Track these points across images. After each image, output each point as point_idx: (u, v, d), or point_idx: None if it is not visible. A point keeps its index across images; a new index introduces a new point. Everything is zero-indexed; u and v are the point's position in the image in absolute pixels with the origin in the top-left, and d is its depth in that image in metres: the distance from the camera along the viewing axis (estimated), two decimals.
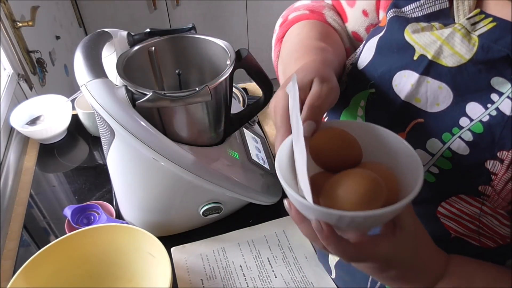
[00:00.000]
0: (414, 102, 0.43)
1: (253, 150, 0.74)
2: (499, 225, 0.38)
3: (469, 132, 0.38)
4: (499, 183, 0.37)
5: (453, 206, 0.40)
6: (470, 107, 0.39)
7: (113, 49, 0.65)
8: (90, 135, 0.94)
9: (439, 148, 0.40)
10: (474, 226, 0.39)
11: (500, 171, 0.37)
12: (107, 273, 0.62)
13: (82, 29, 1.95)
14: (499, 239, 0.38)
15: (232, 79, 0.62)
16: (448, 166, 0.40)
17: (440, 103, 0.41)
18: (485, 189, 0.38)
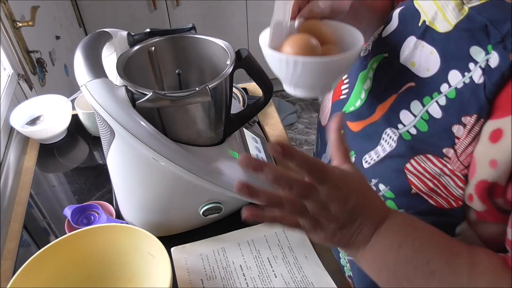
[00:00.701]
0: (410, 65, 0.47)
1: (253, 150, 0.74)
2: (455, 186, 0.40)
3: (444, 97, 0.42)
4: (460, 146, 0.40)
5: (419, 164, 0.43)
6: (452, 74, 0.42)
7: (113, 49, 0.65)
8: (90, 135, 0.94)
9: (419, 110, 0.44)
10: (433, 185, 0.42)
11: (463, 135, 0.39)
12: (107, 273, 0.62)
13: (82, 29, 1.95)
14: (453, 201, 0.41)
15: (232, 79, 0.62)
16: (424, 128, 0.43)
17: (430, 69, 0.44)
18: (448, 152, 0.41)
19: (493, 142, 0.36)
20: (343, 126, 0.48)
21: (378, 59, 0.52)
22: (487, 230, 0.41)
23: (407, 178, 0.44)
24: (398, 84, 0.48)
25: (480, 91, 0.38)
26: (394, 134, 0.46)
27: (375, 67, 0.52)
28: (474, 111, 0.38)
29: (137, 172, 0.61)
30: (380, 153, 0.47)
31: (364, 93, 0.53)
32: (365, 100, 0.53)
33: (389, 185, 0.45)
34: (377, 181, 0.47)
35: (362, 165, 0.50)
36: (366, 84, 0.53)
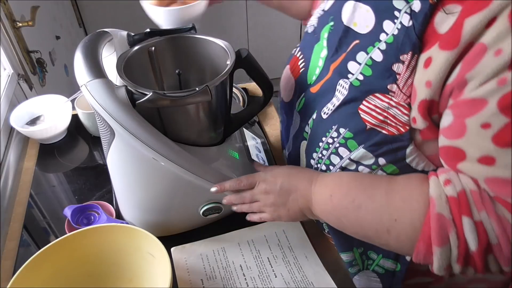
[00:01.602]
0: (353, 26, 0.54)
1: (253, 150, 0.74)
2: (401, 114, 0.48)
3: (384, 43, 0.49)
4: (401, 80, 0.47)
5: (370, 103, 0.50)
6: (385, 24, 0.49)
7: (113, 49, 0.65)
8: (90, 135, 0.94)
9: (364, 58, 0.51)
10: (383, 118, 0.49)
11: (402, 71, 0.47)
12: (107, 273, 0.62)
13: (82, 29, 1.95)
14: (401, 127, 0.48)
15: (232, 79, 0.62)
16: (369, 73, 0.50)
17: (368, 25, 0.52)
18: (392, 87, 0.48)
19: (426, 68, 0.44)
20: (306, 93, 0.63)
21: (327, 29, 0.60)
22: (430, 148, 0.48)
23: (361, 117, 0.50)
24: (346, 44, 0.55)
25: (411, 32, 0.45)
26: (345, 83, 0.53)
27: (326, 36, 0.60)
28: (409, 49, 0.46)
29: (137, 172, 0.61)
30: (335, 102, 0.54)
31: (321, 60, 0.60)
32: (323, 66, 0.60)
33: (347, 127, 0.52)
34: (336, 126, 0.54)
35: (322, 117, 0.56)
36: (323, 53, 0.60)
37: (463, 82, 0.40)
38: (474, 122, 0.40)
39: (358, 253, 0.62)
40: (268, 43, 2.26)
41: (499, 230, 0.41)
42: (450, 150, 0.44)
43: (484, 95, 0.39)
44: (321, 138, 0.56)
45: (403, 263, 0.58)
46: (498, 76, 0.38)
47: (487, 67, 0.38)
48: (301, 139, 0.64)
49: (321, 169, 0.58)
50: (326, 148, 0.56)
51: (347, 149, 0.53)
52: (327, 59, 0.59)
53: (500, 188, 0.41)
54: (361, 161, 0.52)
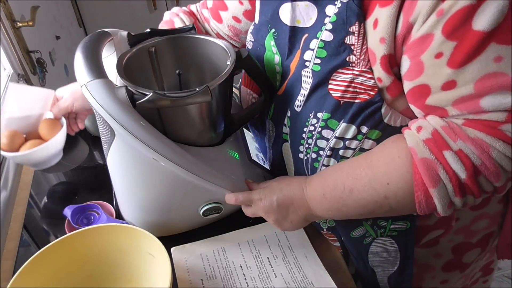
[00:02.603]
0: (297, 24, 0.58)
1: (253, 150, 0.74)
2: (367, 80, 0.50)
3: (330, 23, 0.52)
4: (357, 50, 0.50)
5: (336, 79, 0.52)
6: (328, 9, 0.53)
7: (113, 49, 0.65)
8: (90, 135, 0.94)
9: (315, 43, 0.54)
10: (352, 89, 0.51)
11: (355, 41, 0.50)
12: (107, 273, 0.62)
13: (82, 29, 1.95)
14: (370, 91, 0.51)
15: (232, 79, 0.62)
16: (324, 54, 0.53)
17: (312, 17, 0.56)
18: (350, 58, 0.51)
19: (375, 29, 0.48)
20: (274, 100, 0.65)
21: (270, 37, 0.63)
22: (400, 104, 0.51)
23: (333, 96, 0.53)
24: (297, 42, 0.58)
25: (351, 5, 0.49)
26: (307, 72, 0.55)
27: (273, 43, 0.62)
28: (354, 20, 0.49)
29: (137, 172, 0.61)
30: (304, 93, 0.56)
31: (277, 67, 0.63)
32: (281, 72, 0.63)
33: (323, 109, 0.54)
34: (313, 113, 0.56)
35: (296, 111, 0.59)
36: (276, 59, 0.63)
37: (410, 27, 0.44)
38: (428, 56, 0.44)
39: (368, 225, 0.63)
40: None
41: (478, 151, 0.44)
42: (415, 90, 0.47)
43: (429, 29, 0.43)
44: (302, 130, 0.58)
45: (412, 220, 0.61)
46: (435, 10, 0.42)
47: (424, 6, 0.42)
48: (281, 142, 0.65)
49: (311, 158, 0.60)
50: (310, 137, 0.58)
51: (330, 129, 0.55)
52: (282, 63, 0.62)
53: (467, 105, 0.44)
54: (346, 136, 0.54)
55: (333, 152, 0.56)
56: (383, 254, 0.66)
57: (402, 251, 0.65)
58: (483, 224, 0.67)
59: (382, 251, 0.66)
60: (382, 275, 0.69)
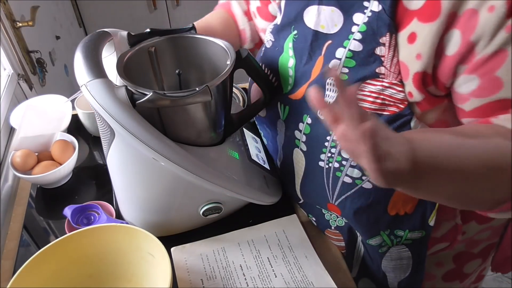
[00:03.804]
0: (321, 29, 0.56)
1: (253, 150, 0.74)
2: (396, 92, 0.50)
3: (359, 33, 0.51)
4: (387, 61, 0.49)
5: (364, 90, 0.51)
6: (355, 17, 0.52)
7: (113, 49, 0.65)
8: (90, 135, 0.94)
9: (343, 52, 0.53)
10: (381, 100, 0.51)
11: (386, 52, 0.49)
12: (107, 273, 0.62)
13: (82, 29, 1.95)
14: (400, 104, 0.50)
15: (232, 79, 0.62)
16: (352, 64, 0.52)
17: (337, 24, 0.54)
18: (380, 70, 0.50)
19: (411, 43, 0.47)
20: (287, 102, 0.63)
21: (290, 39, 0.61)
22: (430, 117, 0.51)
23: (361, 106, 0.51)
24: (318, 48, 0.57)
25: (383, 15, 0.48)
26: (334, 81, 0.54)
27: (291, 46, 0.61)
28: (385, 31, 0.48)
29: (137, 172, 0.61)
30: (329, 100, 0.55)
31: (290, 70, 0.62)
32: (294, 75, 0.61)
33: None
34: None
35: (318, 119, 0.57)
36: (290, 63, 0.62)
37: (471, 46, 0.44)
38: (505, 71, 0.43)
39: (386, 234, 0.63)
40: None
41: None
42: (491, 105, 0.46)
43: (500, 45, 0.42)
44: (325, 138, 0.57)
45: (428, 228, 0.61)
46: (503, 26, 0.41)
47: (488, 24, 0.42)
48: (293, 147, 0.64)
49: (334, 167, 0.58)
50: (334, 146, 0.56)
51: None
52: (296, 67, 0.61)
53: None
54: None
55: (357, 164, 0.55)
56: (397, 262, 0.66)
57: (415, 258, 0.65)
58: (486, 235, 0.67)
59: (396, 259, 0.66)
60: (393, 280, 0.69)
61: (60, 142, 0.83)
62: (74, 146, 0.83)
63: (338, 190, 0.60)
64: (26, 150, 0.80)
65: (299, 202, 0.72)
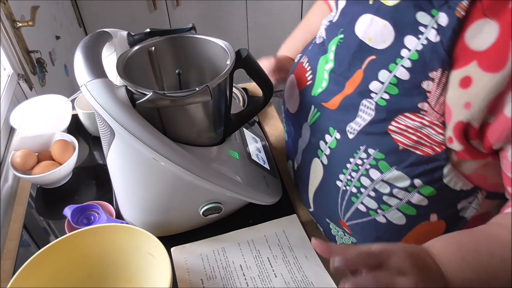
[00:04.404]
0: (367, 41, 0.52)
1: (253, 150, 0.74)
2: (436, 134, 0.46)
3: (408, 60, 0.47)
4: (433, 99, 0.45)
5: (400, 123, 0.48)
6: (407, 39, 0.48)
7: (113, 49, 0.65)
8: (90, 135, 0.94)
9: (387, 77, 0.49)
10: (417, 138, 0.47)
11: (433, 88, 0.45)
12: (107, 273, 0.62)
13: (82, 29, 1.95)
14: (436, 147, 0.46)
15: (232, 79, 0.62)
16: (395, 92, 0.48)
17: (386, 40, 0.50)
18: (423, 106, 0.46)
19: (464, 88, 0.42)
20: (318, 107, 0.59)
21: (335, 41, 0.57)
22: (467, 168, 0.47)
23: (392, 138, 0.48)
24: (359, 60, 0.53)
25: (439, 48, 0.44)
26: (370, 104, 0.51)
27: (334, 49, 0.57)
28: (438, 65, 0.44)
29: (137, 172, 0.61)
30: (361, 122, 0.52)
31: (326, 73, 0.58)
32: (328, 80, 0.58)
33: (377, 147, 0.50)
34: (365, 147, 0.51)
35: (347, 136, 0.54)
36: (328, 66, 0.58)
37: None
38: None
39: None
40: (268, 43, 2.26)
41: None
42: None
43: None
44: (348, 159, 0.54)
45: None
46: None
47: None
48: (313, 155, 0.61)
49: (351, 192, 0.55)
50: (355, 170, 0.53)
51: (379, 170, 0.50)
52: (332, 72, 0.57)
53: None
54: (395, 183, 0.50)
55: (376, 195, 0.52)
56: None
57: None
58: None
59: None
60: None
61: (60, 142, 0.83)
62: (74, 146, 0.83)
63: (350, 214, 0.58)
64: (26, 150, 0.80)
65: (310, 209, 0.71)
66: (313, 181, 0.64)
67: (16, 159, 0.78)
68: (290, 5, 2.13)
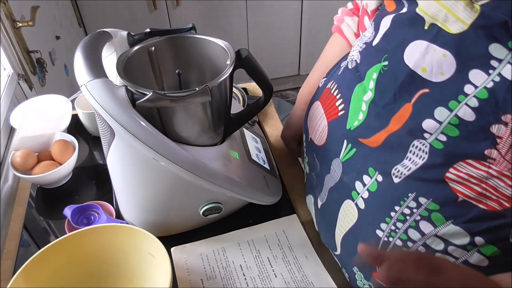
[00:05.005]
0: (420, 71, 0.45)
1: (253, 150, 0.74)
2: (505, 187, 0.39)
3: (475, 98, 0.40)
4: (504, 145, 0.39)
5: (460, 171, 0.41)
6: (473, 74, 0.41)
7: (113, 49, 0.65)
8: (90, 135, 0.94)
9: (446, 116, 0.42)
10: (480, 189, 0.40)
11: (505, 134, 0.39)
12: (107, 273, 0.62)
13: (82, 29, 1.95)
14: (505, 201, 0.40)
15: (232, 79, 0.62)
16: (455, 133, 0.42)
17: (444, 72, 0.43)
18: (491, 153, 0.40)
19: None
20: (354, 143, 0.52)
21: (377, 68, 0.50)
22: None
23: (451, 187, 0.42)
24: (408, 92, 0.46)
25: None
26: (423, 145, 0.44)
27: (375, 77, 0.50)
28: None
29: (137, 172, 0.61)
30: (410, 166, 0.45)
31: (364, 105, 0.51)
32: (367, 112, 0.51)
33: (431, 196, 0.44)
34: (415, 194, 0.45)
35: (392, 180, 0.47)
36: (367, 96, 0.51)
37: None
38: None
39: None
40: (268, 43, 2.26)
41: None
42: None
43: None
44: (393, 207, 0.47)
45: None
46: None
47: None
48: (345, 196, 0.54)
49: (394, 244, 0.49)
50: (402, 220, 0.47)
51: (432, 223, 0.44)
52: (373, 104, 0.50)
53: None
54: (452, 240, 0.43)
55: (427, 251, 0.45)
56: None
57: None
58: None
59: None
60: None
61: (60, 142, 0.83)
62: (74, 146, 0.83)
63: None
64: (26, 150, 0.80)
65: (335, 252, 0.62)
66: (342, 225, 0.56)
67: (16, 159, 0.78)
68: (290, 5, 2.13)
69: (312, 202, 0.66)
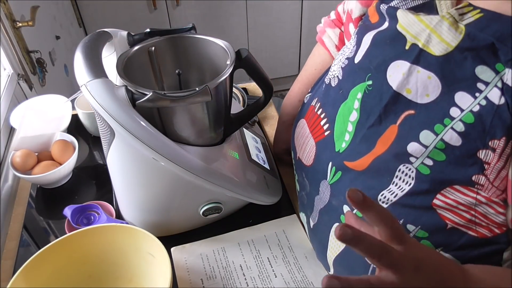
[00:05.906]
0: (405, 93, 0.44)
1: (253, 150, 0.74)
2: (495, 213, 0.38)
3: (461, 122, 0.39)
4: (492, 172, 0.38)
5: (448, 197, 0.40)
6: (459, 96, 0.40)
7: (113, 49, 0.65)
8: (90, 135, 0.94)
9: (432, 139, 0.41)
10: (470, 216, 0.39)
11: (493, 160, 0.37)
12: (107, 273, 0.62)
13: (82, 29, 1.95)
14: (496, 228, 0.39)
15: (232, 79, 0.62)
16: (441, 158, 0.40)
17: (429, 94, 0.42)
18: (478, 179, 0.38)
19: None
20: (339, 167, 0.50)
21: (361, 88, 0.49)
22: None
23: (439, 214, 0.41)
24: (393, 113, 0.45)
25: (504, 112, 0.36)
26: (409, 170, 0.43)
27: (360, 97, 0.49)
28: (501, 133, 0.36)
29: (137, 172, 0.61)
30: (397, 192, 0.44)
31: (351, 125, 0.50)
32: (353, 133, 0.49)
33: (419, 224, 0.42)
34: (402, 222, 0.43)
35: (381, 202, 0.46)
36: (353, 116, 0.49)
37: None
38: None
39: None
40: (268, 43, 2.26)
41: None
42: None
43: None
44: None
45: None
46: None
47: None
48: (335, 219, 0.53)
49: None
50: None
51: None
52: (359, 124, 0.49)
53: None
54: None
55: None
56: None
57: None
58: None
59: None
60: None
61: (60, 142, 0.83)
62: (74, 146, 0.83)
63: None
64: (26, 150, 0.80)
65: (329, 271, 0.61)
66: (333, 247, 0.55)
67: (16, 159, 0.78)
68: (290, 5, 2.13)
69: (305, 221, 0.65)
